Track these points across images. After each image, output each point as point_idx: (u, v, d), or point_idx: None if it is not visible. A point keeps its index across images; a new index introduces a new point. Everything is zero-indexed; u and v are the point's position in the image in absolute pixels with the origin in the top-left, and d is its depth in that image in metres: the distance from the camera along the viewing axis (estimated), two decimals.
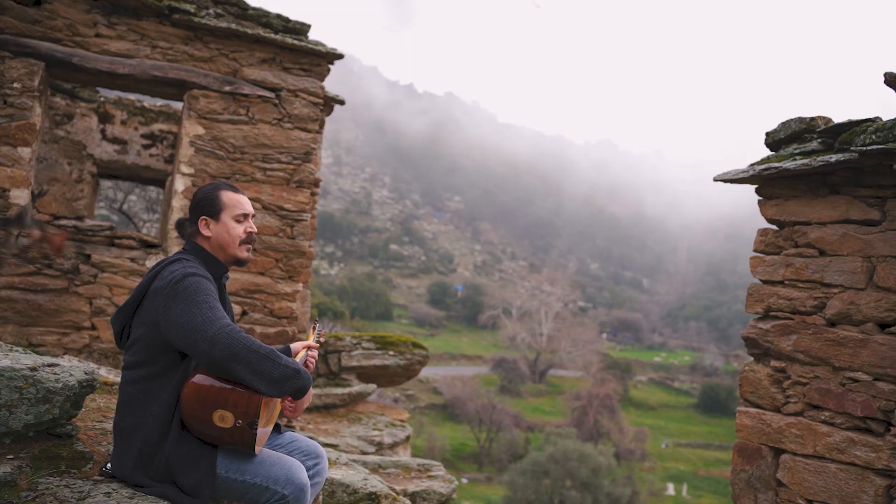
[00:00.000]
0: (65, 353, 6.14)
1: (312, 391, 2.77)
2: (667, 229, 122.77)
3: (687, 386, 62.82)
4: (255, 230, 2.97)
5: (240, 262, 2.92)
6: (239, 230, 2.87)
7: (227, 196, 2.88)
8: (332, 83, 7.59)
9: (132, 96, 9.31)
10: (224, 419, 2.54)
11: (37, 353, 5.74)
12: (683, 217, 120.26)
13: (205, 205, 2.85)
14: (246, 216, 2.90)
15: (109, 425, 3.80)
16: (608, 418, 44.57)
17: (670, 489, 37.99)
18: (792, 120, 4.57)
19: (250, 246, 2.93)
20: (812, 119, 4.46)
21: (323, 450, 3.12)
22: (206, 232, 2.84)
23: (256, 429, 2.54)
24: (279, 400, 2.82)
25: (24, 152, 6.11)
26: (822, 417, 4.16)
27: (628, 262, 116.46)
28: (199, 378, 2.56)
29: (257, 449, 2.62)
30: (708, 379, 61.47)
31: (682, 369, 68.51)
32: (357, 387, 9.38)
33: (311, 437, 7.09)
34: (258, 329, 6.63)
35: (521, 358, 57.51)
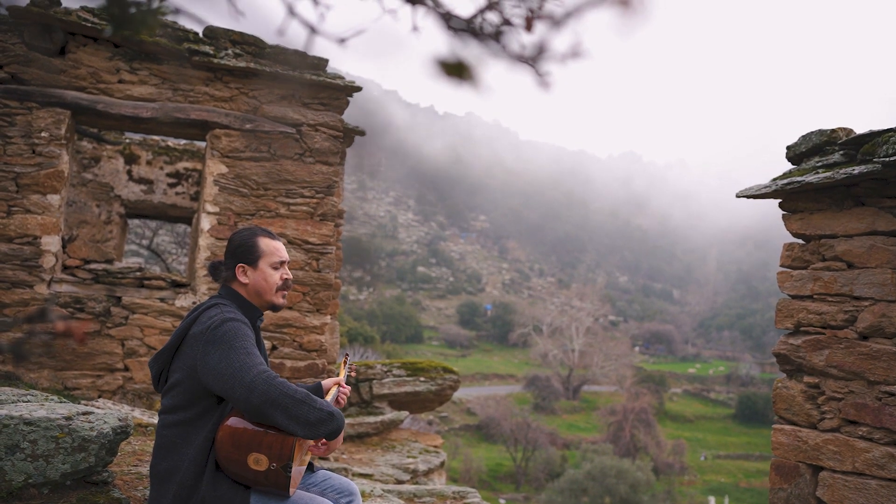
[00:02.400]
0: (99, 396, 6.22)
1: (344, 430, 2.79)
2: (695, 239, 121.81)
3: (723, 396, 62.01)
4: (291, 277, 3.00)
5: (275, 308, 2.97)
6: (276, 277, 2.91)
7: (265, 243, 2.92)
8: (353, 109, 7.67)
9: (156, 136, 9.47)
10: (259, 462, 2.56)
11: (72, 396, 5.83)
12: (711, 226, 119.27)
13: (243, 251, 2.90)
14: (283, 263, 2.94)
15: (145, 469, 3.84)
16: (645, 432, 44.07)
17: (712, 502, 37.42)
18: (812, 133, 4.54)
19: (285, 292, 2.97)
20: (833, 131, 4.42)
21: (356, 486, 3.13)
22: (243, 279, 2.88)
23: (290, 471, 2.57)
24: (310, 441, 2.85)
25: (54, 199, 6.23)
26: (860, 433, 4.09)
27: (657, 273, 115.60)
28: (233, 421, 2.60)
29: (291, 490, 2.64)
30: (744, 389, 60.63)
31: (717, 380, 67.67)
32: (389, 414, 9.38)
33: (345, 468, 7.11)
34: (288, 363, 6.67)
35: (553, 375, 57.13)
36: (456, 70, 0.83)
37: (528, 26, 0.83)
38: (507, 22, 0.84)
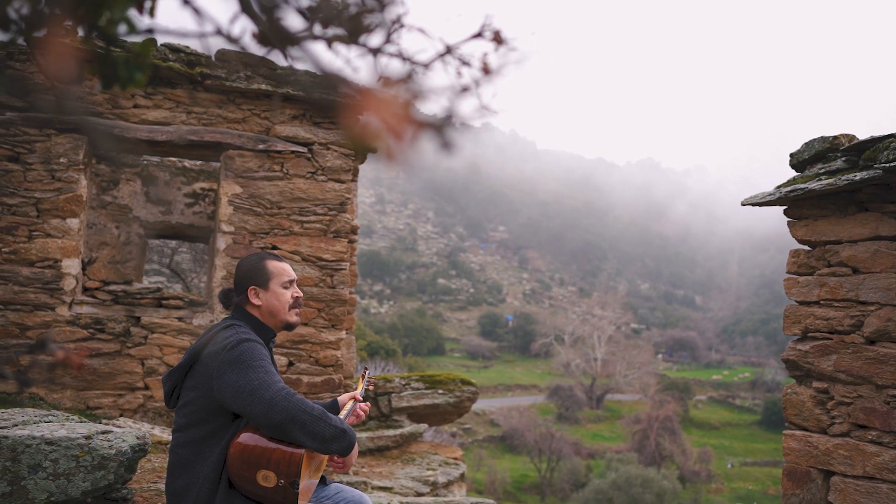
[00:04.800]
0: (121, 415, 6.34)
1: (358, 446, 2.87)
2: (716, 245, 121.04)
3: (749, 403, 61.41)
4: (301, 295, 3.11)
5: (289, 327, 3.08)
6: (287, 296, 3.02)
7: (273, 265, 3.03)
8: None
9: (172, 158, 9.63)
10: (267, 479, 2.64)
11: (94, 415, 5.96)
12: (732, 231, 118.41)
13: (253, 275, 3.00)
14: (292, 282, 3.05)
15: (163, 486, 3.93)
16: (670, 441, 43.72)
17: None
18: (815, 140, 4.58)
19: (298, 310, 3.08)
20: (835, 137, 4.46)
21: (368, 499, 3.20)
22: (256, 300, 2.98)
23: (298, 488, 2.64)
24: (325, 455, 2.94)
25: (73, 223, 6.38)
26: (870, 437, 4.11)
27: (679, 280, 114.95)
28: (244, 437, 2.68)
29: None
30: (770, 394, 59.98)
31: (742, 386, 67.06)
32: (409, 427, 9.44)
33: (365, 481, 7.17)
34: (305, 378, 6.76)
35: (576, 384, 56.89)
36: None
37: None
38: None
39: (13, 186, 6.22)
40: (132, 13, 0.90)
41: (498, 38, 0.98)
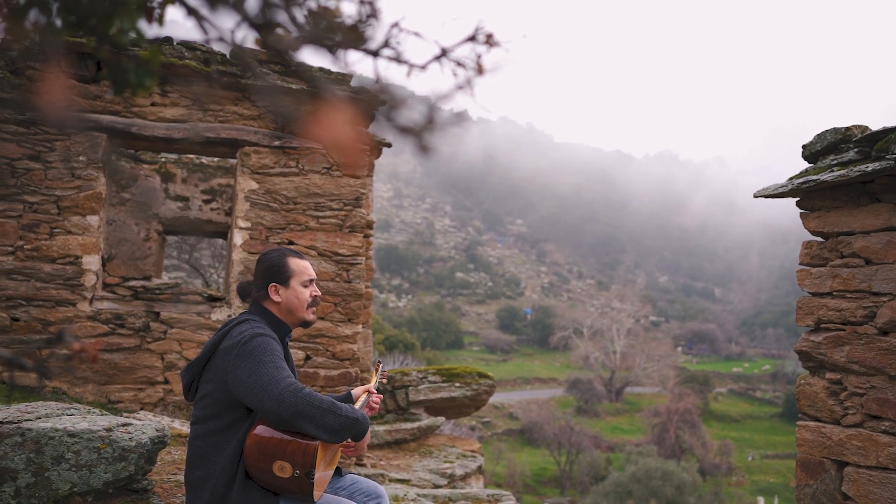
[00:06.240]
0: (141, 408, 6.44)
1: (372, 431, 2.93)
2: (735, 236, 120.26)
3: (770, 395, 61.07)
4: (319, 294, 3.17)
5: (305, 324, 3.14)
6: (306, 294, 3.08)
7: (295, 263, 3.09)
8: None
9: (190, 155, 9.73)
10: (283, 469, 2.70)
11: (115, 409, 6.05)
12: (752, 223, 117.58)
13: (274, 271, 3.06)
14: (312, 281, 3.11)
15: (183, 477, 4.01)
16: (690, 433, 43.56)
17: (761, 503, 36.90)
18: (827, 131, 4.57)
19: (314, 308, 3.14)
20: (847, 129, 4.45)
21: (383, 489, 3.26)
22: (276, 297, 3.04)
23: (313, 478, 2.70)
24: (339, 445, 3.00)
25: (93, 220, 6.48)
26: (883, 427, 4.12)
27: (698, 272, 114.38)
28: (260, 430, 2.74)
29: (317, 495, 2.77)
30: (791, 387, 59.58)
31: (763, 378, 66.70)
32: (426, 420, 9.51)
33: (382, 474, 7.24)
34: (322, 372, 6.83)
35: (595, 377, 56.82)
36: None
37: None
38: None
39: (34, 185, 6.33)
40: (141, 23, 0.95)
41: (490, 41, 1.02)
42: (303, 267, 3.10)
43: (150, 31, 0.99)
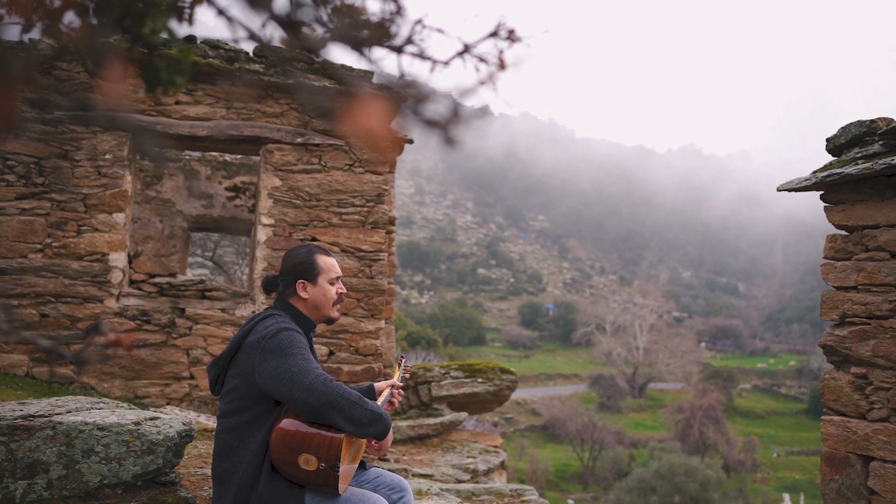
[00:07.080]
0: (168, 403, 6.53)
1: (395, 426, 2.96)
2: (760, 231, 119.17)
3: (795, 391, 60.52)
4: (345, 291, 3.21)
5: (330, 321, 3.16)
6: (332, 292, 3.10)
7: (323, 260, 3.12)
8: None
9: (213, 153, 9.82)
10: (308, 462, 2.73)
11: (142, 404, 6.13)
12: (776, 217, 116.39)
13: (303, 268, 3.08)
14: (338, 278, 3.14)
15: (209, 470, 4.06)
16: (714, 430, 43.28)
17: (786, 500, 36.61)
18: (852, 124, 4.54)
19: (340, 305, 3.17)
20: (872, 121, 4.42)
21: (407, 483, 3.28)
22: (303, 294, 3.07)
23: (339, 471, 2.73)
24: (363, 440, 3.04)
25: (119, 218, 6.57)
26: None
27: (722, 267, 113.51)
28: (285, 423, 2.78)
29: (342, 488, 2.80)
30: (816, 383, 58.81)
31: (788, 374, 66.11)
32: (449, 416, 9.53)
33: (405, 469, 7.28)
34: (345, 367, 6.88)
35: (618, 373, 56.60)
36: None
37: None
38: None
39: (62, 183, 6.43)
40: (172, 22, 0.98)
41: (512, 36, 1.04)
42: (330, 264, 3.13)
43: (181, 30, 1.02)
